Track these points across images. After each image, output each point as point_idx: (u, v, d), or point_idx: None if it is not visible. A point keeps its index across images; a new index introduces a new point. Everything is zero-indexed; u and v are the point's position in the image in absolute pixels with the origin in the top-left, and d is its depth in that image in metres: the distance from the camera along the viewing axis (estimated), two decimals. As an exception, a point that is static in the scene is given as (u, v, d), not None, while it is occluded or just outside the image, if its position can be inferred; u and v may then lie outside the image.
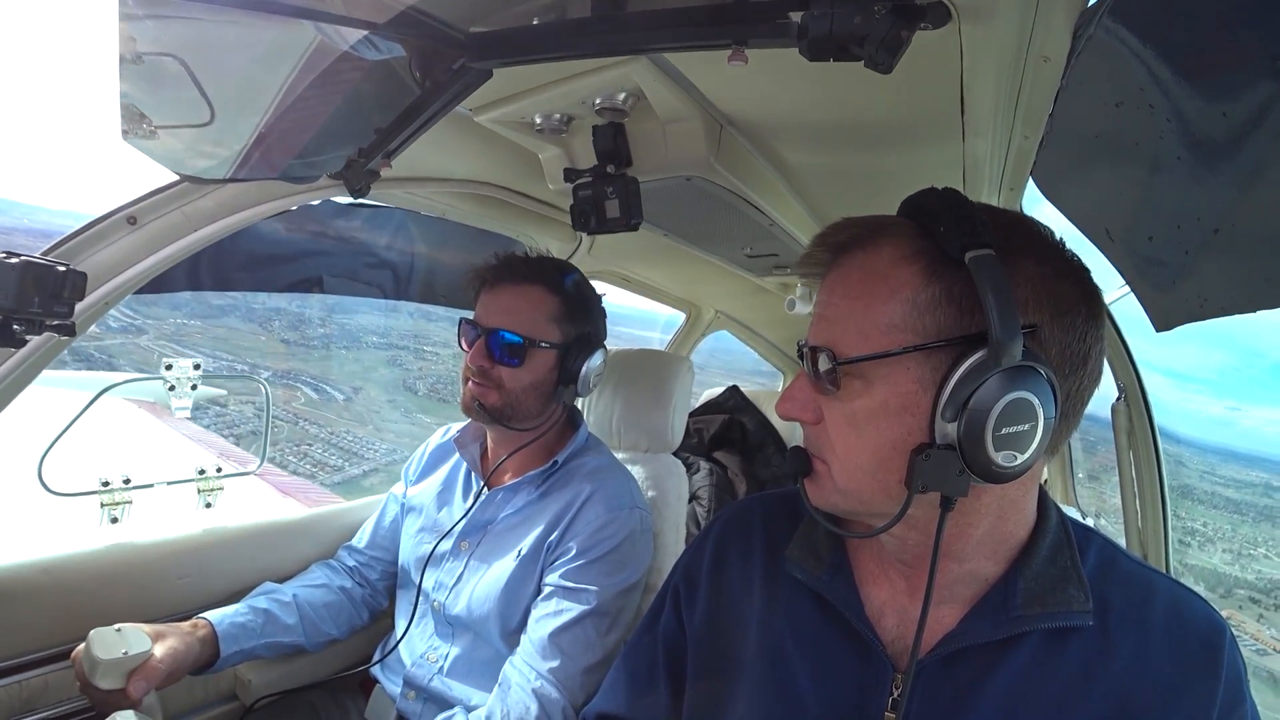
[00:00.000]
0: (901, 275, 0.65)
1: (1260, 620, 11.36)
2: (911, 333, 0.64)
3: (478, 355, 1.37)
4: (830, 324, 0.69)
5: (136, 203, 1.15)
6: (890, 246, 0.67)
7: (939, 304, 0.64)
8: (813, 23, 0.65)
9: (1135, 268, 1.01)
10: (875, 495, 0.68)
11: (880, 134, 1.23)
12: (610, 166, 1.24)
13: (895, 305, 0.65)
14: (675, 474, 1.76)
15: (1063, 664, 0.68)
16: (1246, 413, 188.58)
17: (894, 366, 0.65)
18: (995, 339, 0.58)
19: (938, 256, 0.64)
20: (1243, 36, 0.55)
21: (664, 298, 2.96)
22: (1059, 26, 0.72)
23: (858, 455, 0.68)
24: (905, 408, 0.65)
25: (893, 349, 0.64)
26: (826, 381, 0.68)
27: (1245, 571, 13.25)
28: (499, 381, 1.38)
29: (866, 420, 0.66)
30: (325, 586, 1.51)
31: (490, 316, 1.38)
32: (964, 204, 0.64)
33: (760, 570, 0.85)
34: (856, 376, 0.66)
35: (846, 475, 0.69)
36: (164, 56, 0.76)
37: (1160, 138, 0.70)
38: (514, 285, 1.41)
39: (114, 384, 1.88)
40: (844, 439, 0.68)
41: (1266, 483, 18.37)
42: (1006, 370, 0.59)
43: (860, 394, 0.66)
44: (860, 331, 0.66)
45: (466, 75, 0.88)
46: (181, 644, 1.17)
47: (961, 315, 0.63)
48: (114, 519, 1.62)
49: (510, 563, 1.35)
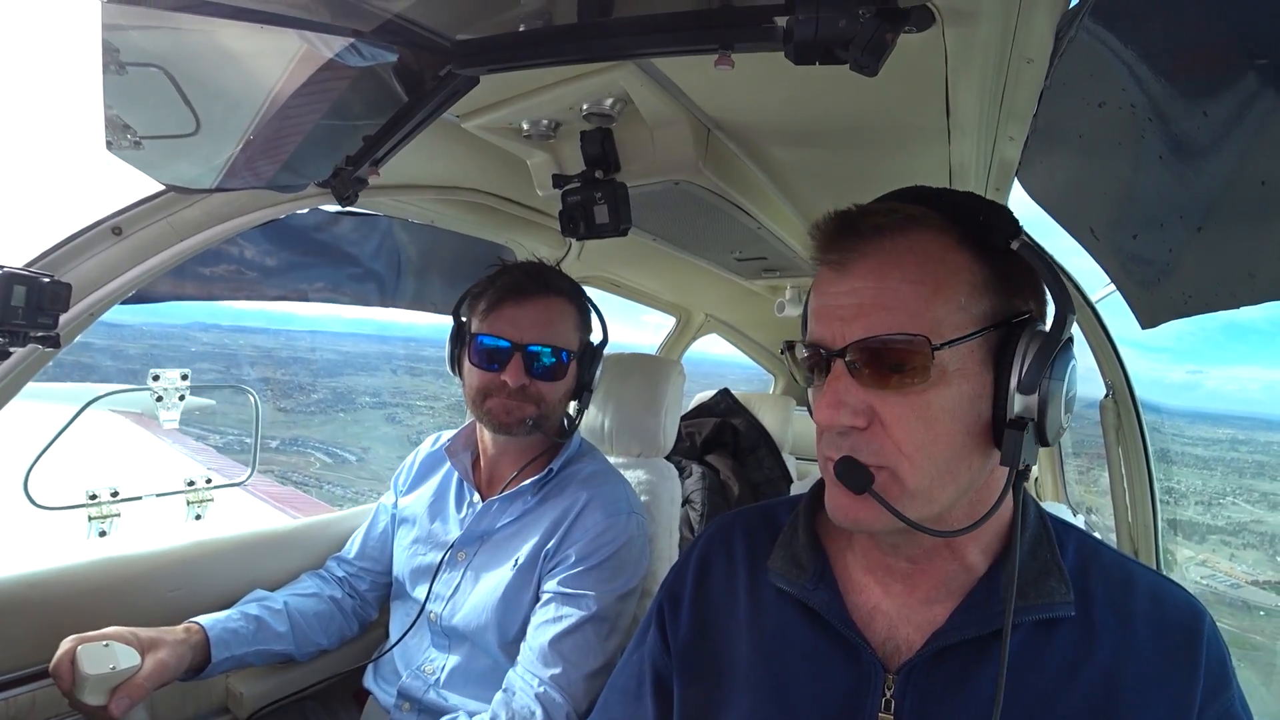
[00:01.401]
0: (958, 260, 0.66)
1: (1231, 559, 13.14)
2: (974, 316, 0.66)
3: (517, 374, 1.32)
4: (892, 313, 0.65)
5: (121, 213, 1.14)
6: (935, 233, 0.67)
7: (990, 288, 0.67)
8: (798, 27, 0.65)
9: (1120, 265, 1.02)
10: (945, 492, 0.67)
11: (867, 136, 1.24)
12: (598, 172, 1.24)
13: (960, 289, 0.66)
14: (668, 478, 1.75)
15: (1049, 655, 0.69)
16: (1208, 374, 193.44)
17: (964, 351, 0.65)
18: (1059, 315, 0.64)
19: (983, 244, 0.67)
20: (1222, 36, 0.56)
21: (654, 302, 2.97)
22: (1041, 29, 0.73)
23: (934, 450, 0.65)
24: (977, 392, 0.66)
25: (974, 330, 0.65)
26: (904, 376, 0.64)
27: (1216, 519, 15.25)
28: (538, 396, 1.35)
29: (943, 410, 0.65)
30: (316, 596, 1.50)
31: (524, 332, 1.33)
32: (985, 199, 0.70)
33: (744, 581, 0.85)
34: (934, 367, 0.64)
35: (920, 474, 0.66)
36: (148, 67, 0.76)
37: (1142, 137, 0.71)
38: (542, 298, 1.37)
39: (100, 395, 1.85)
40: (915, 436, 0.65)
41: (1233, 438, 20.43)
42: (1067, 340, 0.65)
43: (937, 384, 0.64)
44: (935, 317, 0.64)
45: (453, 82, 0.88)
46: (171, 655, 1.15)
47: (1010, 297, 0.68)
48: (102, 532, 1.60)
49: (508, 572, 1.34)
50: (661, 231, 1.68)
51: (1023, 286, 0.69)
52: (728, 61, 0.75)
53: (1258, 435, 21.34)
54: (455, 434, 1.55)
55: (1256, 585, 10.96)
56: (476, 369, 1.35)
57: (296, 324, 76.59)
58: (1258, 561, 13.18)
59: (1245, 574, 11.86)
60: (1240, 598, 9.79)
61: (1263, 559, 13.36)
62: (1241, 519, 15.73)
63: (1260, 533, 14.74)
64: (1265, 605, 9.66)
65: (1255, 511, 16.42)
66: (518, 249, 1.98)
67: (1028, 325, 0.66)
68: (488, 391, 1.35)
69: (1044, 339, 0.64)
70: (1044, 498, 2.64)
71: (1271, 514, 16.36)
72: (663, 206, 1.45)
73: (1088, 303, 1.59)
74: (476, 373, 1.35)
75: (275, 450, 23.11)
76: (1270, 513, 16.47)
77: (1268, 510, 16.65)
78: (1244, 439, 20.56)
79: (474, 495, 1.47)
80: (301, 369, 36.24)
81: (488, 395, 1.35)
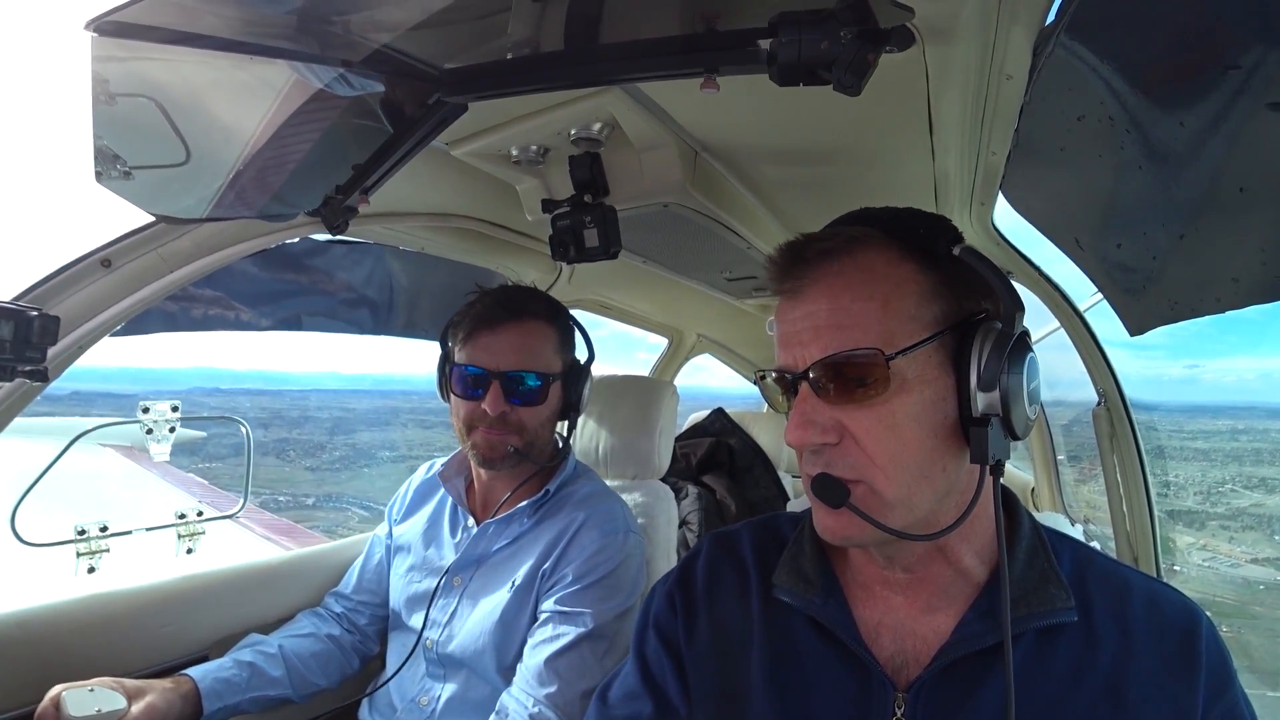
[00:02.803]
0: (903, 272, 0.69)
1: (1231, 541, 14.32)
2: (926, 322, 0.68)
3: (496, 402, 1.31)
4: (846, 330, 0.67)
5: (111, 245, 1.13)
6: (877, 249, 0.70)
7: (939, 293, 0.68)
8: (781, 49, 0.66)
9: (1106, 274, 1.03)
10: (924, 496, 0.68)
11: (852, 154, 1.26)
12: (588, 196, 1.25)
13: (907, 299, 0.68)
14: (664, 500, 1.74)
15: (1054, 663, 0.69)
16: (1205, 368, 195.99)
17: (920, 357, 0.67)
18: (1008, 311, 0.66)
19: (925, 253, 0.69)
20: (1195, 48, 0.57)
21: (646, 324, 2.97)
22: (1019, 45, 0.75)
23: (904, 457, 0.67)
24: (939, 395, 0.67)
25: (927, 335, 0.67)
26: (867, 389, 0.66)
27: (1216, 506, 16.39)
28: (519, 425, 1.34)
29: (908, 418, 0.66)
30: (313, 636, 1.47)
31: (499, 359, 1.33)
32: (924, 212, 0.73)
33: (756, 594, 0.84)
34: (893, 376, 0.66)
35: (895, 483, 0.67)
36: (138, 97, 0.76)
37: (1121, 148, 0.73)
38: (517, 323, 1.36)
39: (89, 429, 1.83)
40: (884, 446, 0.67)
41: (1232, 428, 21.59)
42: (1020, 335, 0.67)
43: (898, 392, 0.66)
44: (887, 329, 0.66)
45: (442, 110, 0.89)
46: (162, 700, 1.13)
47: (961, 299, 0.69)
48: (91, 569, 1.57)
49: (505, 594, 1.32)
50: (652, 254, 1.69)
51: (973, 289, 0.70)
52: (713, 84, 0.76)
53: (1256, 423, 22.52)
54: (448, 460, 1.54)
55: (1255, 563, 12.16)
56: (459, 399, 1.36)
57: (293, 383, 76.42)
58: (1256, 541, 14.26)
59: (1244, 554, 13.10)
60: (1241, 575, 10.86)
61: (1261, 538, 14.48)
62: (1241, 504, 16.76)
63: (1258, 515, 15.88)
64: (1264, 580, 10.76)
65: (1254, 496, 17.49)
66: (509, 274, 1.99)
67: (982, 325, 0.67)
68: (472, 423, 1.35)
69: (999, 335, 0.66)
70: (1041, 508, 2.64)
71: (1269, 497, 17.44)
72: (652, 229, 1.46)
73: (1075, 311, 1.60)
74: (460, 402, 1.36)
75: (313, 507, 24.10)
76: (1268, 496, 17.55)
77: (1265, 494, 17.76)
78: (1243, 428, 21.67)
79: (468, 519, 1.45)
80: (315, 428, 37.99)
81: (472, 427, 1.35)
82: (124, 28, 0.64)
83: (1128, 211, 0.85)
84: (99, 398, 12.04)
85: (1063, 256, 1.10)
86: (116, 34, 0.64)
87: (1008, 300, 0.66)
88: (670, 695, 0.85)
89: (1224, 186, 0.66)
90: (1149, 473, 1.64)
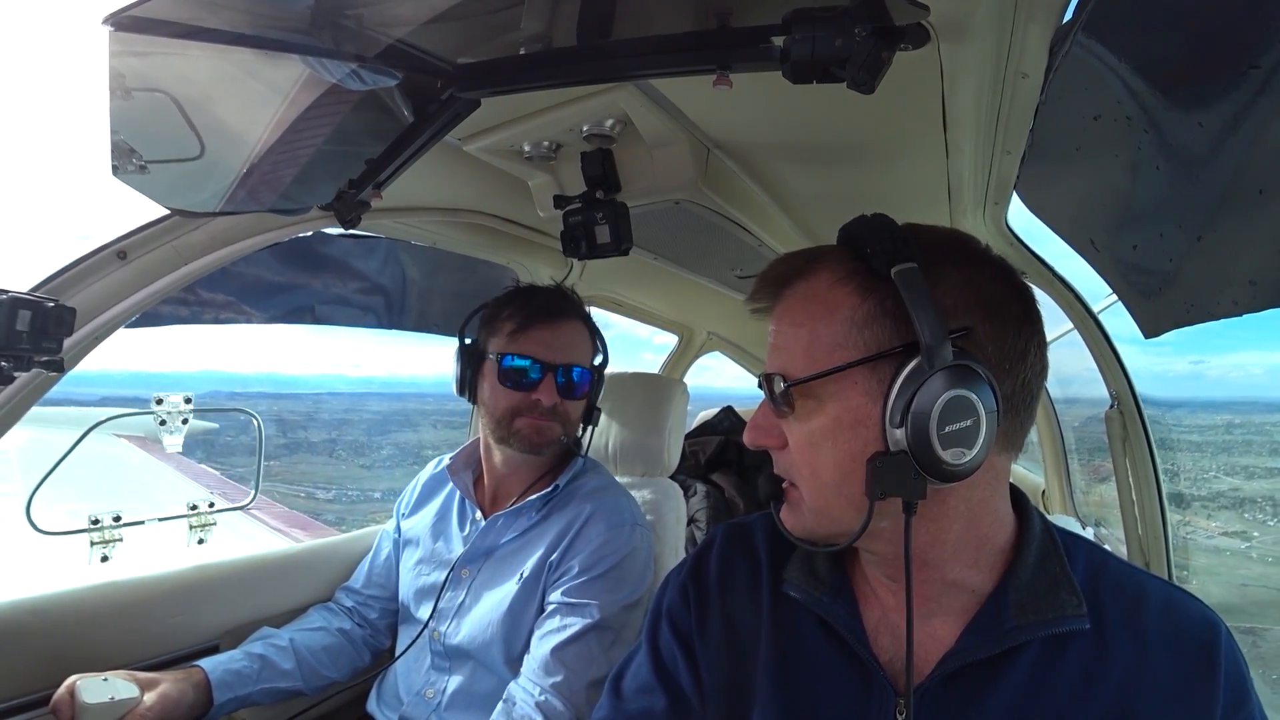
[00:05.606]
0: (838, 296, 0.69)
1: (1209, 518, 17.20)
2: (854, 349, 0.67)
3: (550, 393, 1.38)
4: (780, 352, 0.72)
5: (126, 237, 1.14)
6: (826, 272, 0.71)
7: (875, 319, 0.67)
8: (795, 46, 0.66)
9: (1122, 276, 1.02)
10: (844, 511, 0.69)
11: (865, 153, 1.25)
12: (599, 192, 1.25)
13: (836, 325, 0.68)
14: (673, 497, 1.75)
15: (1063, 672, 0.67)
16: (1210, 364, 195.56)
17: (842, 383, 0.68)
18: (926, 343, 0.62)
19: (868, 275, 0.68)
20: (1214, 47, 0.56)
21: (656, 320, 2.97)
22: (1036, 44, 0.74)
23: (822, 473, 0.70)
24: (858, 421, 0.67)
25: (836, 365, 0.67)
26: (782, 404, 0.71)
27: (1200, 490, 19.07)
28: (565, 415, 1.42)
29: (823, 438, 0.69)
30: (323, 630, 1.48)
31: (557, 353, 1.39)
32: (889, 225, 0.68)
33: (767, 588, 0.84)
34: (810, 397, 0.69)
35: (814, 494, 0.71)
36: (153, 92, 0.77)
37: (1139, 148, 0.72)
38: (569, 321, 1.44)
39: (103, 420, 1.85)
40: (807, 459, 0.71)
41: (1229, 422, 23.69)
42: (941, 371, 0.62)
43: (814, 413, 0.69)
44: (808, 354, 0.69)
45: (455, 105, 0.89)
46: (175, 690, 1.15)
47: (898, 327, 0.66)
48: (104, 558, 1.59)
49: (512, 586, 1.34)
50: (663, 250, 1.69)
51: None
52: (726, 81, 0.76)
53: (1254, 417, 24.92)
54: (455, 454, 1.55)
55: (1226, 535, 15.36)
56: (505, 389, 1.38)
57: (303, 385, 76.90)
58: (1228, 519, 17.45)
59: (1218, 528, 16.17)
60: (1213, 545, 13.99)
61: (1233, 517, 17.70)
62: (1220, 489, 19.82)
63: (1235, 497, 18.91)
64: (1229, 548, 14.08)
65: (1233, 481, 20.52)
66: (520, 270, 1.99)
67: (906, 356, 0.64)
68: (518, 411, 1.37)
69: (914, 370, 0.63)
70: (1052, 510, 2.62)
71: (1247, 483, 20.36)
72: (664, 226, 1.46)
73: (1090, 313, 1.59)
74: (505, 392, 1.38)
75: (380, 501, 25.27)
76: (1246, 481, 20.51)
77: (1244, 480, 20.68)
78: (1239, 422, 24.03)
79: (476, 512, 1.46)
80: (351, 430, 40.87)
81: (517, 415, 1.37)
82: (141, 23, 0.65)
83: (1144, 212, 0.84)
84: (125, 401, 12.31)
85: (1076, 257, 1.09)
86: (133, 29, 0.65)
87: (925, 332, 0.61)
88: (684, 688, 0.85)
89: (1242, 187, 0.65)
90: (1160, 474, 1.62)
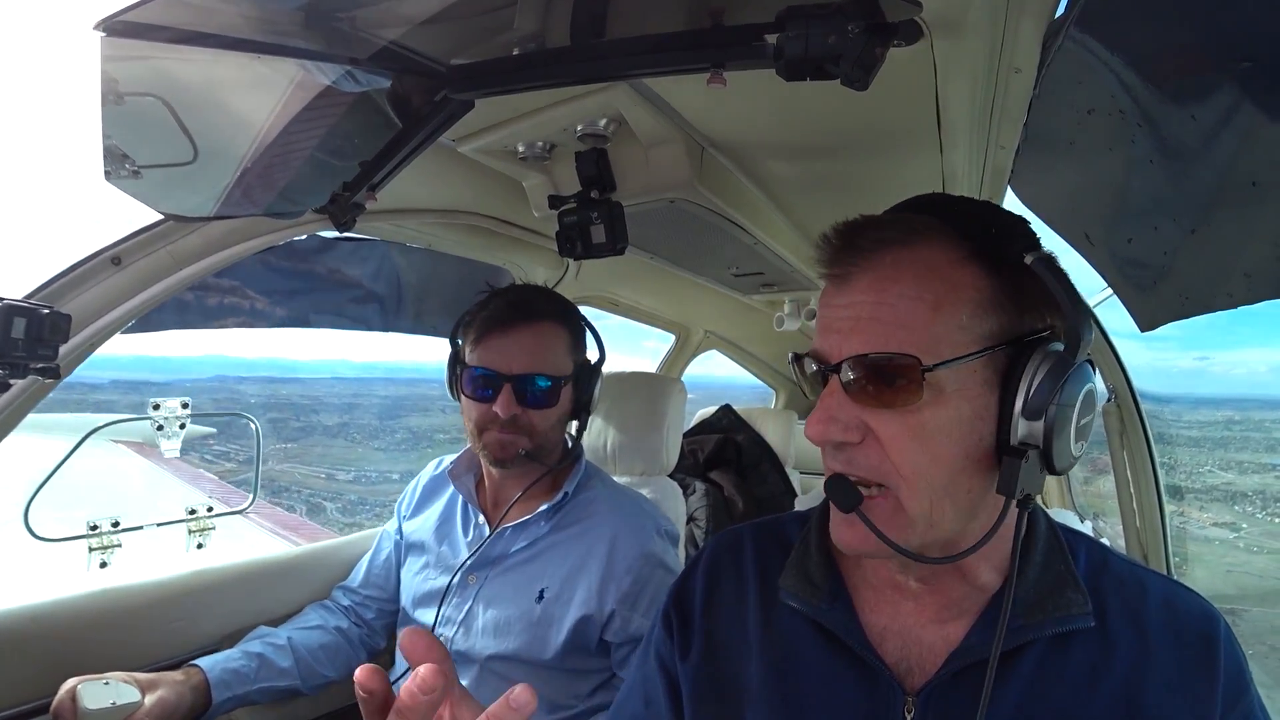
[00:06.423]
0: (963, 276, 0.63)
1: (1201, 510, 18.57)
2: (977, 334, 0.62)
3: (508, 405, 1.29)
4: (888, 328, 0.63)
5: (120, 243, 1.14)
6: (939, 247, 0.65)
7: (998, 305, 0.63)
8: (788, 44, 0.66)
9: (1117, 270, 1.02)
10: (948, 514, 0.64)
11: (860, 148, 1.25)
12: (594, 192, 1.25)
13: (963, 306, 0.63)
14: (672, 496, 1.75)
15: (1068, 669, 0.67)
16: (1214, 360, 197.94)
17: (964, 371, 0.62)
18: (1074, 335, 0.59)
19: (992, 258, 0.64)
20: (1207, 41, 0.56)
21: (653, 320, 2.97)
22: (1028, 38, 0.74)
23: (930, 471, 0.63)
24: (978, 414, 0.63)
25: (976, 350, 0.62)
26: (897, 394, 0.62)
27: (1194, 483, 20.47)
28: (529, 427, 1.33)
29: (939, 431, 0.62)
30: (321, 628, 1.48)
31: (511, 362, 1.31)
32: (1003, 210, 0.66)
33: (756, 599, 0.82)
34: (928, 387, 0.61)
35: (920, 497, 0.63)
36: (147, 97, 0.76)
37: (1132, 142, 0.72)
38: (528, 324, 1.34)
39: (100, 425, 1.85)
40: (909, 456, 0.63)
41: (1229, 419, 24.79)
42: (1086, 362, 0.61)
43: (932, 403, 0.62)
44: (933, 335, 0.62)
45: (449, 106, 0.89)
46: (172, 693, 1.14)
47: (1021, 315, 0.64)
48: (103, 563, 1.59)
49: (532, 605, 1.32)
50: (659, 249, 1.69)
51: (1039, 303, 0.65)
52: (720, 80, 0.76)
53: (1254, 414, 26.29)
54: (457, 457, 1.54)
55: (1216, 526, 17.13)
56: (470, 400, 1.35)
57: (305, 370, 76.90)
58: (1219, 510, 19.15)
59: (1210, 518, 18.01)
60: (1204, 535, 15.43)
61: (1224, 509, 19.38)
62: (1214, 483, 21.43)
63: (1227, 491, 20.50)
64: (1219, 537, 15.86)
65: (1226, 476, 22.15)
66: (516, 270, 1.99)
67: (1040, 345, 0.62)
68: (483, 425, 1.33)
69: (1056, 360, 0.60)
70: (1050, 504, 2.63)
71: (1240, 477, 21.83)
72: (659, 225, 1.45)
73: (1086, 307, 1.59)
74: (471, 404, 1.35)
75: (398, 482, 26.93)
76: (1239, 476, 21.96)
77: (1238, 475, 22.15)
78: (1239, 419, 25.30)
79: (479, 517, 1.45)
80: (362, 414, 41.53)
81: (484, 429, 1.34)
82: (132, 27, 0.64)
83: (1138, 206, 0.84)
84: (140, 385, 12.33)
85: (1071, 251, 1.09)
86: (125, 34, 0.65)
87: (1076, 321, 0.60)
88: (666, 717, 0.85)
89: (1236, 180, 0.66)
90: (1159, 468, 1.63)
